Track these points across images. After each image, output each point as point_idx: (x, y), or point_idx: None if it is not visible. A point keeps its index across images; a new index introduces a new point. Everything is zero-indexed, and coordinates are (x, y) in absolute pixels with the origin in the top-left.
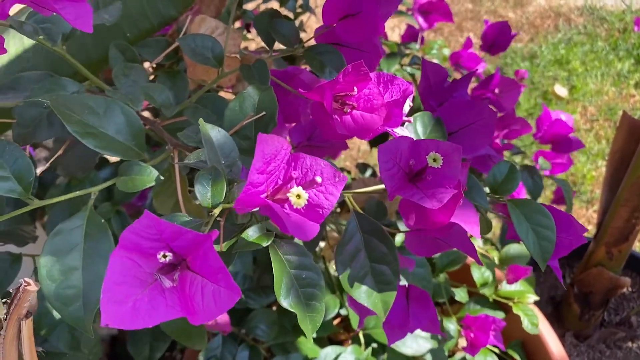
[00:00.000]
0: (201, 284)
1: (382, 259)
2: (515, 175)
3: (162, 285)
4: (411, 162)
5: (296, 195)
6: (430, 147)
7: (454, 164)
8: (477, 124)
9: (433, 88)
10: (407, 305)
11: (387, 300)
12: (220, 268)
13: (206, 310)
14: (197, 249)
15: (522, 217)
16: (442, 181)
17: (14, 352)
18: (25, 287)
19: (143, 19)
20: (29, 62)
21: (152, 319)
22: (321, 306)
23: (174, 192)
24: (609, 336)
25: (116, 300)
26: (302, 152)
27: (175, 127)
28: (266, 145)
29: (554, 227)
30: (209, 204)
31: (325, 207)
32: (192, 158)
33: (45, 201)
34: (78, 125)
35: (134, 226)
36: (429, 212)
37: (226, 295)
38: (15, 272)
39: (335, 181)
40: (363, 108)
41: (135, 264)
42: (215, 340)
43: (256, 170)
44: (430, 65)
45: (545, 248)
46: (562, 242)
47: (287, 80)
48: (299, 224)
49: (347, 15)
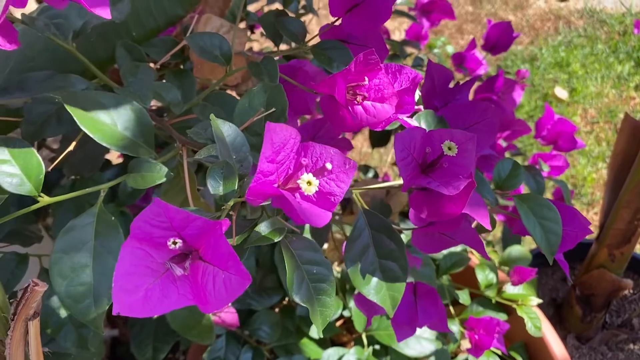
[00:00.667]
0: (212, 272)
1: (390, 255)
2: (519, 171)
3: (173, 274)
4: (427, 150)
5: (307, 182)
6: (445, 136)
7: (468, 153)
8: (481, 124)
9: (437, 89)
10: (414, 302)
11: (395, 296)
12: (230, 254)
13: (217, 297)
14: (207, 236)
15: (529, 211)
16: (457, 170)
17: (20, 353)
18: (34, 287)
19: (149, 18)
20: (34, 61)
21: (164, 306)
22: (331, 301)
23: (181, 189)
24: (610, 338)
25: (127, 289)
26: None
27: (183, 126)
28: (275, 134)
29: (560, 220)
30: (222, 197)
31: (337, 194)
32: (202, 153)
33: (54, 198)
34: (88, 122)
35: (144, 213)
36: (442, 203)
37: (237, 281)
38: (22, 272)
39: (346, 168)
40: (374, 98)
41: (146, 253)
42: (218, 341)
43: (266, 158)
44: (436, 66)
45: (553, 241)
46: (568, 236)
47: (292, 74)
48: (311, 211)
49: (355, 5)
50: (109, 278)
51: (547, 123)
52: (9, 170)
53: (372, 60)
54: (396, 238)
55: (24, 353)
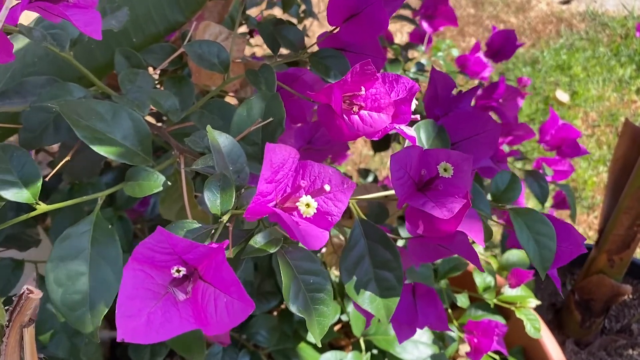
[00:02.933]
0: (214, 294)
1: (386, 265)
2: (517, 184)
3: (175, 298)
4: (422, 172)
5: (305, 204)
6: (441, 157)
7: (464, 174)
8: (481, 136)
9: (440, 97)
10: (414, 302)
11: (389, 306)
12: (233, 281)
13: (219, 321)
14: (209, 260)
15: (524, 225)
16: (452, 190)
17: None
18: (28, 294)
19: (149, 23)
20: (34, 66)
21: (167, 331)
22: (329, 310)
23: (179, 197)
24: (609, 343)
25: (130, 314)
26: (307, 158)
27: (180, 133)
28: (274, 154)
29: (554, 236)
30: (218, 211)
31: (334, 214)
32: (199, 163)
33: (51, 206)
34: (86, 131)
35: (147, 241)
36: (437, 221)
37: (239, 307)
38: (17, 278)
39: (344, 188)
40: (371, 108)
41: (148, 276)
42: (216, 346)
43: (265, 180)
44: (439, 74)
45: (546, 257)
46: (562, 252)
47: (290, 82)
48: (308, 232)
49: (353, 15)
50: (105, 286)
51: (551, 128)
52: (7, 178)
53: (369, 71)
54: (392, 248)
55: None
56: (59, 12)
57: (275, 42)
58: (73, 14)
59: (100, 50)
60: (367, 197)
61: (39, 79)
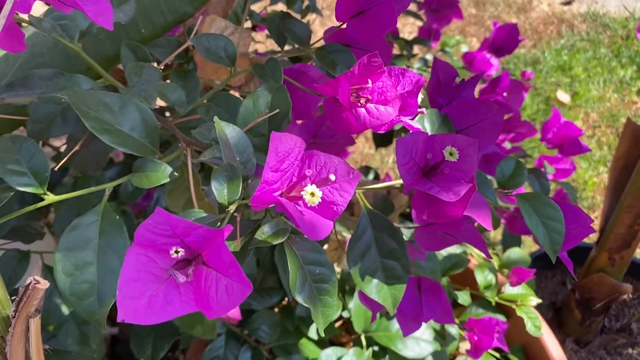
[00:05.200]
0: (215, 278)
1: (392, 254)
2: (522, 170)
3: (176, 281)
4: (428, 156)
5: (310, 193)
6: (447, 142)
7: (469, 158)
8: (484, 123)
9: (442, 86)
10: (419, 296)
11: (396, 294)
12: (231, 262)
13: (220, 304)
14: (210, 244)
15: (532, 210)
16: (458, 175)
17: (21, 350)
18: (35, 285)
19: (158, 14)
20: (43, 57)
21: (167, 314)
22: (333, 301)
23: (185, 189)
24: (609, 342)
25: (132, 296)
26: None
27: (186, 126)
28: (280, 143)
29: (562, 219)
30: (225, 200)
31: (340, 204)
32: (207, 155)
33: (59, 196)
34: (95, 122)
35: (147, 222)
36: (443, 206)
37: (238, 289)
38: (23, 269)
39: (349, 178)
40: (377, 101)
41: (150, 259)
42: (217, 340)
43: (270, 168)
44: (441, 63)
45: (555, 239)
46: (570, 234)
47: (296, 77)
48: (313, 222)
49: (361, 12)
50: (113, 276)
51: (552, 126)
52: (16, 169)
53: (376, 63)
54: (398, 237)
55: (24, 350)
56: (71, 1)
57: (282, 36)
58: (85, 4)
59: (109, 41)
60: (373, 188)
61: (45, 71)
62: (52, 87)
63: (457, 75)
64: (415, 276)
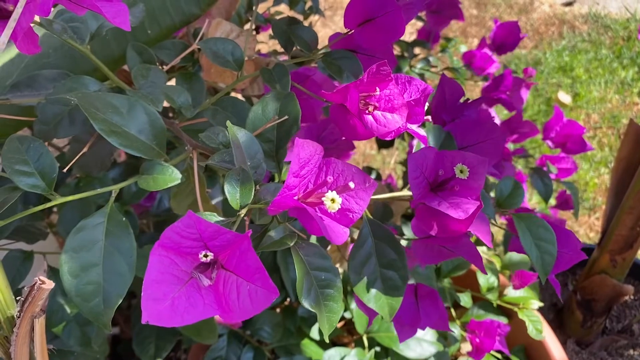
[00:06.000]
0: (236, 282)
1: (391, 265)
2: (520, 191)
3: (198, 284)
4: (440, 172)
5: (331, 199)
6: (457, 159)
7: (478, 176)
8: (486, 143)
9: (448, 103)
10: (416, 303)
11: (393, 304)
12: (258, 268)
13: (242, 308)
14: (232, 248)
15: (527, 230)
16: (466, 192)
17: (25, 350)
18: (40, 285)
19: (165, 15)
20: (49, 57)
21: (191, 316)
22: (338, 307)
23: (190, 192)
24: (610, 344)
25: (156, 297)
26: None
27: (191, 129)
28: (302, 149)
29: (555, 241)
30: (238, 204)
31: (356, 212)
32: (215, 159)
33: (66, 197)
34: (103, 123)
35: (176, 225)
36: (449, 221)
37: (263, 294)
38: (27, 270)
39: (366, 186)
40: (384, 108)
41: (172, 262)
42: (220, 341)
43: (293, 173)
44: (448, 80)
45: (547, 261)
46: (562, 257)
47: (301, 81)
48: (332, 228)
49: (369, 20)
50: (119, 277)
51: (555, 125)
52: (24, 169)
53: (384, 72)
54: (398, 248)
55: (28, 350)
56: (88, 3)
57: (289, 42)
58: (103, 6)
59: (115, 42)
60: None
61: (50, 72)
62: (59, 89)
63: (463, 93)
64: (412, 283)
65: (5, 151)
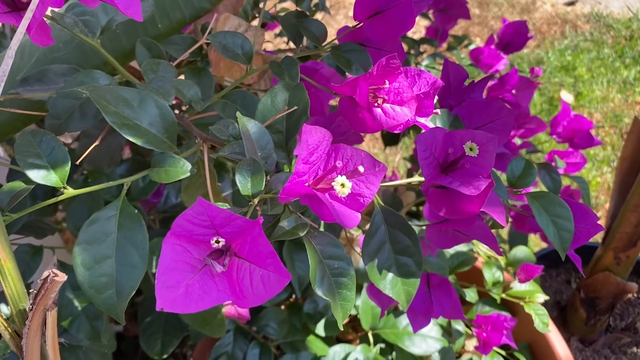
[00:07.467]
0: (249, 269)
1: (405, 251)
2: (532, 170)
3: (211, 271)
4: (450, 150)
5: (341, 184)
6: (466, 137)
7: (489, 154)
8: (495, 123)
9: (453, 87)
10: (429, 292)
11: (410, 290)
12: (270, 253)
13: (256, 294)
14: (244, 235)
15: (542, 209)
16: (476, 170)
17: (37, 343)
18: (53, 277)
19: (175, 9)
20: (59, 51)
21: (205, 302)
22: (352, 295)
23: (201, 185)
24: (614, 341)
25: (169, 285)
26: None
27: (201, 122)
28: (310, 136)
29: (571, 217)
30: (249, 193)
31: (366, 196)
32: (226, 150)
33: (78, 190)
34: (115, 116)
35: (188, 212)
36: (461, 202)
37: (275, 279)
38: (37, 264)
39: (376, 170)
40: (393, 101)
41: (184, 249)
42: (226, 337)
43: (302, 160)
44: (451, 64)
45: (565, 238)
46: (579, 232)
47: (309, 75)
48: (343, 213)
49: (379, 12)
50: (131, 269)
51: (562, 120)
52: (36, 162)
53: (394, 65)
54: (411, 234)
55: (40, 343)
56: None
57: (298, 35)
58: None
59: (125, 36)
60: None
61: (60, 67)
62: (70, 83)
63: (468, 76)
64: (425, 272)
65: (19, 144)
